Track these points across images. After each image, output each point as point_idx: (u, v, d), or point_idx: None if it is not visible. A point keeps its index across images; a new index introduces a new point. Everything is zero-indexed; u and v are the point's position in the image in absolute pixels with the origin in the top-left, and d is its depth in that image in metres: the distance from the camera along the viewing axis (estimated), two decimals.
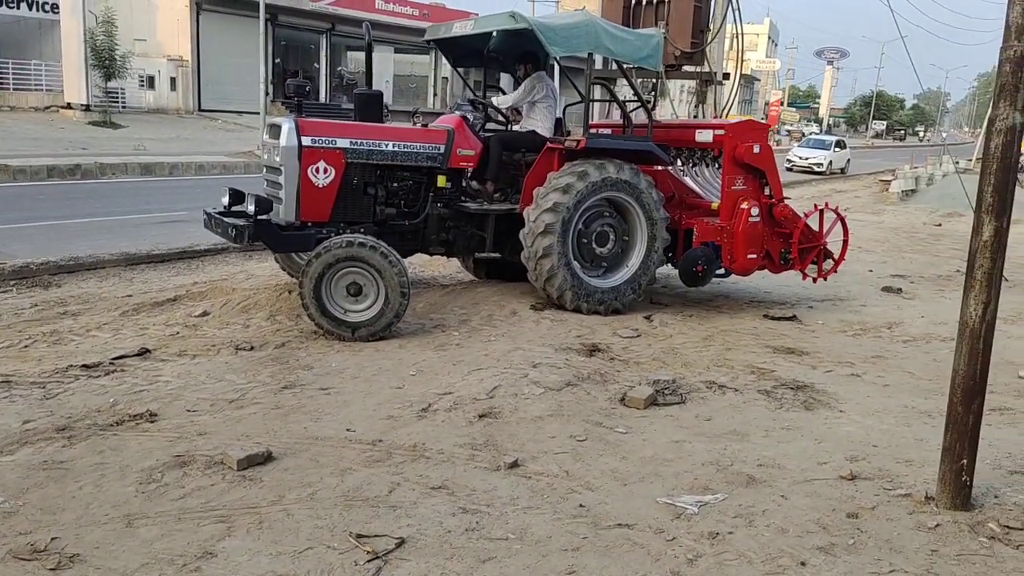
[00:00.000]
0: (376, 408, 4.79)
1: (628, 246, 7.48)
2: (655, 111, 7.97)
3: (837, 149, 35.65)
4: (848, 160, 36.59)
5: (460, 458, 4.14)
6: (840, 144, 36.81)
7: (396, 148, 6.91)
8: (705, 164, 8.37)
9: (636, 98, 7.77)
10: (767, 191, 7.78)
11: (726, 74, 10.53)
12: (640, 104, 7.76)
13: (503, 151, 7.46)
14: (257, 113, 21.70)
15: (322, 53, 36.47)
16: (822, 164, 33.70)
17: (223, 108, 31.71)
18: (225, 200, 6.76)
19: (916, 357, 6.64)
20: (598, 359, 6.01)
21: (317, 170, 6.56)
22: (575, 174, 7.04)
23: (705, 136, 7.78)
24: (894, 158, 41.30)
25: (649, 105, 7.85)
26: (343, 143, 6.66)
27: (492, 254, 7.54)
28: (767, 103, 77.30)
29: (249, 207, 6.43)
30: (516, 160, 7.62)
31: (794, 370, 6.01)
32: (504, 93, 8.69)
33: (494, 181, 7.49)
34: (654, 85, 8.82)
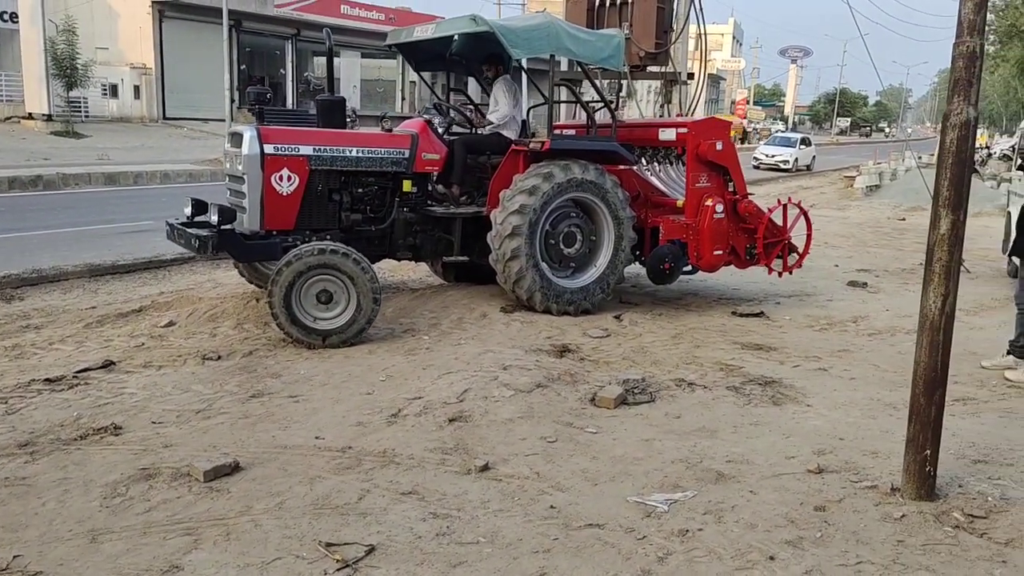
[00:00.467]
0: (345, 415, 4.75)
1: (596, 246, 7.51)
2: (622, 112, 8.01)
3: (802, 146, 36.00)
4: (813, 157, 36.99)
5: (430, 463, 4.13)
6: (805, 141, 37.18)
7: (360, 154, 6.88)
8: (669, 162, 8.43)
9: (600, 99, 7.81)
10: (731, 187, 7.85)
11: (690, 74, 10.60)
12: (604, 105, 7.80)
13: (468, 154, 7.46)
14: (223, 120, 21.50)
15: (288, 59, 36.28)
16: (788, 161, 34.01)
17: (188, 116, 31.40)
18: (188, 210, 6.68)
19: (881, 350, 6.73)
20: (568, 360, 6.03)
21: (281, 178, 6.51)
22: (541, 176, 7.05)
23: (668, 135, 7.84)
24: (859, 154, 41.78)
25: (613, 105, 7.89)
26: (306, 150, 6.61)
27: (460, 258, 7.55)
28: (733, 102, 77.99)
29: (212, 217, 6.36)
30: (481, 163, 7.63)
31: (762, 366, 6.06)
32: (469, 98, 8.69)
33: (460, 184, 7.48)
34: (621, 86, 8.86)
